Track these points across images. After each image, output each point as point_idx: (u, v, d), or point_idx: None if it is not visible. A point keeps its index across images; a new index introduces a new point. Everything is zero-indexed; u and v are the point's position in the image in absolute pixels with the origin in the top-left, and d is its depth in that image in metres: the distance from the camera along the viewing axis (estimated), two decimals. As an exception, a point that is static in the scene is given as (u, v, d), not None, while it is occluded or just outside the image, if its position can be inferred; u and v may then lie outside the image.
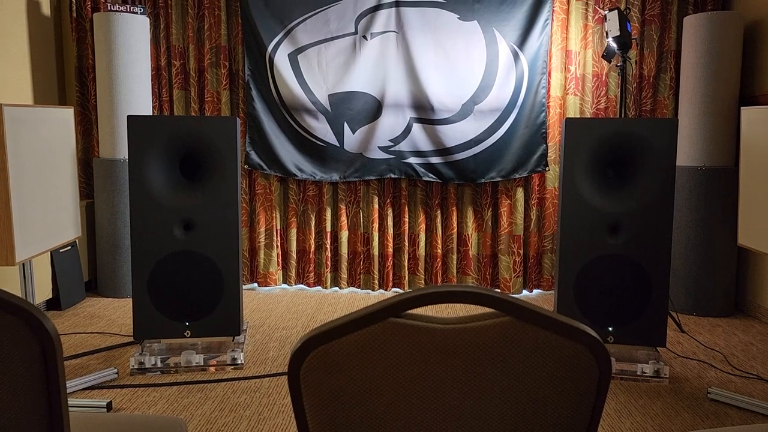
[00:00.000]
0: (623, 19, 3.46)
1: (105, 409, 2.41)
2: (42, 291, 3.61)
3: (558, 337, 0.79)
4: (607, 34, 3.57)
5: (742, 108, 2.58)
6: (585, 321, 2.76)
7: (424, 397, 0.81)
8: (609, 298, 2.73)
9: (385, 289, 4.24)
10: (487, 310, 0.79)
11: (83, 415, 1.38)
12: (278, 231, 4.28)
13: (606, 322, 2.75)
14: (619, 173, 2.77)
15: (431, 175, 4.10)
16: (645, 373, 2.75)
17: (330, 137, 4.10)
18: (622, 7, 3.99)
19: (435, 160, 4.08)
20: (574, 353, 0.79)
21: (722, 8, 3.97)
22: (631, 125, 2.68)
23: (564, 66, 4.07)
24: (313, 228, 4.24)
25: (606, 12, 3.59)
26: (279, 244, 4.29)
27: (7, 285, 3.39)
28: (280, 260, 4.30)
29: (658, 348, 2.92)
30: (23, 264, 2.45)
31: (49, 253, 3.63)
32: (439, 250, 4.21)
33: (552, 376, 0.80)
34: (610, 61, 3.70)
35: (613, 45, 3.52)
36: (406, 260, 4.23)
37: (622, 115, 3.62)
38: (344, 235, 4.22)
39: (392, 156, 4.10)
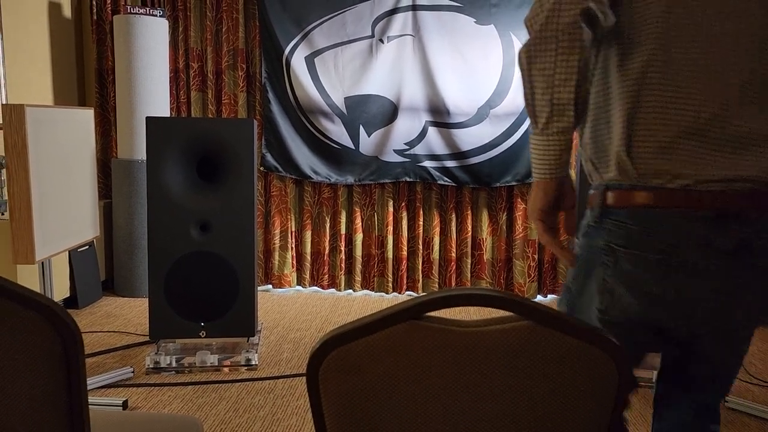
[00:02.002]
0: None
1: (121, 408, 2.43)
2: (60, 290, 3.65)
3: (578, 342, 0.78)
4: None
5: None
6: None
7: (442, 399, 0.81)
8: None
9: (399, 293, 4.24)
10: (506, 313, 0.79)
11: (101, 412, 1.39)
12: (293, 233, 4.29)
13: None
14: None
15: (446, 178, 4.09)
16: (661, 380, 2.71)
17: (345, 140, 4.11)
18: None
19: (450, 163, 4.08)
20: (595, 358, 0.79)
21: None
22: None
23: (581, 70, 4.04)
24: (327, 230, 4.25)
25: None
26: (294, 246, 4.30)
27: (26, 284, 3.43)
28: (294, 262, 4.31)
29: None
30: (42, 263, 2.48)
31: (66, 252, 3.67)
32: (454, 254, 4.20)
33: (571, 381, 0.80)
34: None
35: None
36: (420, 264, 4.22)
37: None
38: (359, 237, 4.23)
39: (407, 159, 4.10)
